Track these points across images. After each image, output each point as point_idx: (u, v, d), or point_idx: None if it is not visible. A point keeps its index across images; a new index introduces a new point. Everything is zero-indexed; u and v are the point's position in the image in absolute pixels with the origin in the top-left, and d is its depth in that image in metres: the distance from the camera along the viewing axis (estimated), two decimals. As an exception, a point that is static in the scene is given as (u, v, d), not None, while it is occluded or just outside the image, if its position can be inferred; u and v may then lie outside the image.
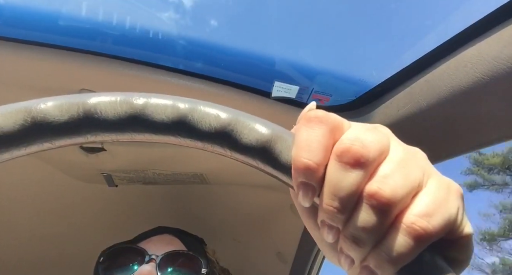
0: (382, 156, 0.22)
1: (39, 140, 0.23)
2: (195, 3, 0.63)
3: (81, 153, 0.78)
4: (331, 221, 0.21)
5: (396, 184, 0.20)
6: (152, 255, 0.65)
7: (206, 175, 0.88)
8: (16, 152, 0.23)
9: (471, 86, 0.45)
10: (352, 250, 0.21)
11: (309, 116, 0.23)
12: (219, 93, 0.66)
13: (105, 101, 0.23)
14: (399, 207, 0.21)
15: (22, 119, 0.22)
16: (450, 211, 0.21)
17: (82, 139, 0.23)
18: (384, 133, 0.23)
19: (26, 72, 0.63)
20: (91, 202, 0.96)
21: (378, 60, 0.66)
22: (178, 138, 0.23)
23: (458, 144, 0.53)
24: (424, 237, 0.20)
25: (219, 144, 0.23)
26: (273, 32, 0.65)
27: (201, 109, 0.23)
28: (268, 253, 1.05)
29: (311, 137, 0.22)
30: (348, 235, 0.21)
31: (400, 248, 0.20)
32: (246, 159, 0.23)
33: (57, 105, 0.23)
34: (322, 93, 0.67)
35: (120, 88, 0.65)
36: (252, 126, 0.23)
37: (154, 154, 0.81)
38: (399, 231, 0.20)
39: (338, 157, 0.21)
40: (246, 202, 0.98)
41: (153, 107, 0.23)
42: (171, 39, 0.64)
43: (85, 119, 0.23)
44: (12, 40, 0.60)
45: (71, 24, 0.61)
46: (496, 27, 0.43)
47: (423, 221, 0.20)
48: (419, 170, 0.22)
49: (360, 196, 0.21)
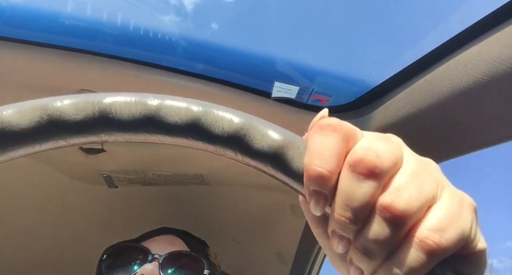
0: (396, 167, 0.21)
1: (54, 137, 0.23)
2: (195, 4, 0.63)
3: (81, 154, 0.78)
4: (343, 231, 0.21)
5: (411, 197, 0.20)
6: (155, 254, 0.65)
7: (206, 176, 0.88)
8: (31, 149, 0.23)
9: (471, 86, 0.45)
10: (363, 262, 0.21)
11: (322, 124, 0.22)
12: (219, 93, 0.66)
13: (120, 101, 0.23)
14: (412, 221, 0.20)
15: (38, 116, 0.22)
16: (464, 225, 0.20)
17: (96, 138, 0.24)
18: (397, 143, 0.23)
19: (26, 72, 0.63)
20: (91, 203, 0.96)
21: (378, 60, 0.66)
22: (190, 140, 0.24)
23: (458, 145, 0.53)
24: (437, 252, 0.20)
25: (231, 148, 0.23)
26: (273, 32, 0.65)
27: (214, 113, 0.23)
28: (268, 254, 1.05)
29: (324, 145, 0.21)
30: (359, 247, 0.21)
31: (412, 263, 0.20)
32: (258, 165, 0.23)
33: (73, 103, 0.23)
34: (322, 93, 0.67)
35: (120, 88, 0.65)
36: (265, 131, 0.23)
37: (154, 155, 0.81)
38: (412, 245, 0.20)
39: (352, 167, 0.21)
40: (246, 202, 0.98)
41: (167, 109, 0.23)
42: (171, 39, 0.64)
43: (100, 119, 0.23)
44: (12, 40, 0.60)
45: (71, 24, 0.61)
46: (496, 28, 0.43)
47: (436, 235, 0.20)
48: (433, 182, 0.21)
49: (373, 208, 0.20)
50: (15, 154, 0.23)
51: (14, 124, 0.22)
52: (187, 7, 0.62)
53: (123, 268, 0.65)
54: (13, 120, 0.22)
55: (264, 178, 0.28)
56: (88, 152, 0.78)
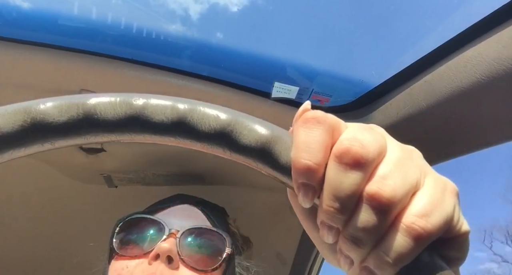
0: (381, 156, 0.22)
1: (38, 140, 0.23)
2: (195, 5, 0.63)
3: (80, 153, 0.78)
4: (331, 221, 0.21)
5: (396, 185, 0.21)
6: (172, 229, 0.58)
7: (206, 176, 0.88)
8: (15, 153, 0.23)
9: (471, 87, 0.45)
10: (352, 251, 0.21)
11: (306, 117, 0.23)
12: (219, 93, 0.66)
13: (105, 102, 0.23)
14: (398, 207, 0.21)
15: (21, 120, 0.22)
16: (447, 209, 0.21)
17: (82, 139, 0.23)
18: (380, 133, 0.23)
19: (26, 72, 0.63)
20: (91, 203, 0.96)
21: (378, 61, 0.66)
22: (177, 139, 0.23)
23: (458, 145, 0.53)
24: (423, 237, 0.20)
25: (219, 144, 0.23)
26: (273, 32, 0.65)
27: (200, 110, 0.23)
28: (268, 254, 1.05)
29: (310, 138, 0.22)
30: (348, 236, 0.21)
31: (400, 248, 0.20)
32: (246, 160, 0.23)
33: (56, 105, 0.23)
34: (322, 93, 0.67)
35: (120, 88, 0.65)
36: (252, 127, 0.23)
37: (154, 155, 0.81)
38: (399, 231, 0.20)
39: (338, 158, 0.21)
40: (246, 203, 0.98)
41: (152, 108, 0.23)
42: (171, 39, 0.64)
43: (84, 120, 0.23)
44: (12, 40, 0.60)
45: (71, 25, 0.61)
46: (496, 28, 0.43)
47: (422, 220, 0.20)
48: (416, 170, 0.22)
49: (360, 197, 0.21)
50: (0, 158, 0.23)
51: None
52: (188, 9, 0.62)
53: (138, 243, 0.58)
54: None
55: (264, 179, 0.28)
56: (88, 152, 0.78)
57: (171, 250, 0.54)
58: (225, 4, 0.62)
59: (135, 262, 0.56)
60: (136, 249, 0.57)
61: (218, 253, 0.60)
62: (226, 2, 0.62)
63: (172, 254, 0.54)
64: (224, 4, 0.62)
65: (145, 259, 0.55)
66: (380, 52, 0.65)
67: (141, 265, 0.55)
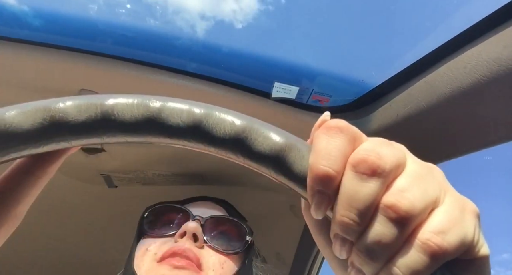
0: (399, 169, 0.21)
1: (56, 138, 0.23)
2: (194, 5, 0.63)
3: (80, 153, 0.78)
4: (345, 233, 0.21)
5: (415, 198, 0.20)
6: (197, 216, 0.63)
7: (206, 176, 0.88)
8: (33, 150, 0.23)
9: (471, 87, 0.45)
10: (365, 265, 0.21)
11: (329, 125, 0.22)
12: (219, 93, 0.66)
13: (123, 103, 0.23)
14: (415, 222, 0.20)
15: (41, 117, 0.22)
16: (466, 229, 0.20)
17: (98, 139, 0.24)
18: (400, 148, 0.23)
19: (26, 72, 0.63)
20: (91, 203, 0.96)
21: (378, 61, 0.66)
22: (192, 142, 0.24)
23: (458, 145, 0.53)
24: (439, 255, 0.19)
25: (233, 150, 0.23)
26: (273, 32, 0.65)
27: (216, 115, 0.23)
28: (268, 254, 1.05)
29: (331, 146, 0.21)
30: (361, 249, 0.20)
31: (413, 265, 0.20)
32: (259, 167, 0.23)
33: (76, 105, 0.23)
34: (322, 93, 0.67)
35: (120, 88, 0.65)
36: (267, 134, 0.23)
37: (154, 155, 0.81)
38: (414, 247, 0.20)
39: (354, 167, 0.21)
40: (246, 203, 0.98)
41: (169, 111, 0.23)
42: (171, 39, 0.64)
43: (102, 120, 0.23)
44: (12, 40, 0.60)
45: (71, 25, 0.61)
46: (496, 28, 0.43)
47: (438, 237, 0.20)
48: (436, 186, 0.21)
49: (377, 208, 0.20)
50: (17, 155, 0.23)
51: (17, 125, 0.22)
52: (185, 7, 0.62)
53: (165, 225, 0.63)
54: (16, 121, 0.22)
55: (264, 179, 0.28)
56: (88, 152, 0.78)
57: (196, 229, 0.59)
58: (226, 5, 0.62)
59: (162, 240, 0.61)
60: (164, 230, 0.62)
61: (238, 239, 0.65)
62: (226, 3, 0.62)
63: (197, 232, 0.59)
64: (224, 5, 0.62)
65: (171, 238, 0.61)
66: (380, 52, 0.65)
67: (168, 242, 0.60)
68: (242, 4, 0.62)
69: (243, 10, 0.62)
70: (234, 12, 0.62)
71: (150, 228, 0.64)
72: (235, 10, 0.62)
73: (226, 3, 0.62)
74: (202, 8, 0.62)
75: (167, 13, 0.62)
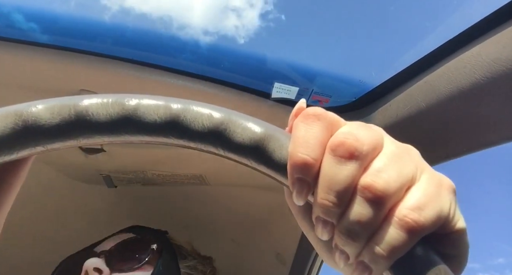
0: (376, 151, 0.22)
1: (31, 143, 0.22)
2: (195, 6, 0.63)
3: (80, 154, 0.78)
4: (326, 216, 0.22)
5: (390, 178, 0.21)
6: (100, 251, 0.64)
7: (205, 176, 0.88)
8: (8, 157, 0.22)
9: (471, 87, 0.45)
10: (347, 245, 0.21)
11: (307, 113, 0.23)
12: (218, 94, 0.66)
13: (97, 103, 0.23)
14: (392, 200, 0.21)
15: (13, 122, 0.22)
16: (442, 204, 0.21)
17: (75, 141, 0.23)
18: (377, 131, 0.24)
19: (26, 72, 0.63)
20: (90, 203, 0.96)
21: (378, 61, 0.66)
22: (171, 138, 0.23)
23: (458, 146, 0.53)
24: (416, 230, 0.20)
25: (212, 143, 0.23)
26: (273, 33, 0.65)
27: (193, 109, 0.23)
28: (267, 255, 1.05)
29: (309, 134, 0.22)
30: (343, 230, 0.21)
31: (393, 241, 0.20)
32: (240, 158, 0.23)
33: (48, 107, 0.22)
34: (322, 94, 0.67)
35: (120, 88, 0.65)
36: (245, 125, 0.23)
37: (154, 155, 0.81)
38: (392, 224, 0.21)
39: (333, 151, 0.21)
40: (246, 203, 0.98)
41: (145, 108, 0.23)
42: (168, 35, 0.64)
43: (77, 122, 0.22)
44: (12, 40, 0.60)
45: (71, 25, 0.61)
46: (495, 29, 0.43)
47: (414, 213, 0.20)
48: (412, 165, 0.22)
49: (355, 190, 0.21)
50: None
51: None
52: (185, 7, 0.62)
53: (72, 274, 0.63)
54: None
55: (264, 179, 0.28)
56: (88, 152, 0.78)
57: (96, 263, 0.60)
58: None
59: None
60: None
61: (143, 251, 0.65)
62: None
63: (98, 265, 0.60)
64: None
65: None
66: (380, 52, 0.65)
67: None
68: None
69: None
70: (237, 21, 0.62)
71: None
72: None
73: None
74: (202, 8, 0.62)
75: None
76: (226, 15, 0.61)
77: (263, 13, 0.61)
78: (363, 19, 0.63)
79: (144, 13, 0.60)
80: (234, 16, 0.61)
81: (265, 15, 0.61)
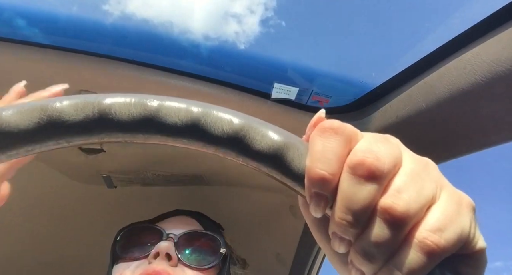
0: (396, 168, 0.21)
1: (54, 138, 0.23)
2: (194, 5, 0.63)
3: (80, 154, 0.78)
4: (343, 234, 0.21)
5: (410, 199, 0.20)
6: (170, 234, 0.64)
7: (205, 177, 0.88)
8: (30, 150, 0.23)
9: (471, 88, 0.45)
10: (364, 265, 0.21)
11: (324, 127, 0.22)
12: (218, 94, 0.66)
13: (120, 102, 0.23)
14: (412, 222, 0.20)
15: (37, 117, 0.22)
16: (463, 225, 0.21)
17: (96, 138, 0.24)
18: (395, 144, 0.23)
19: (26, 72, 0.63)
20: (90, 204, 0.96)
21: (378, 61, 0.66)
22: (190, 141, 0.24)
23: (458, 146, 0.53)
24: (436, 252, 0.20)
25: (231, 149, 0.23)
26: (273, 33, 0.65)
27: (214, 113, 0.23)
28: (267, 255, 1.05)
29: (327, 148, 0.21)
30: (359, 250, 0.21)
31: (412, 264, 0.20)
32: (257, 166, 0.23)
33: (72, 104, 0.23)
34: (322, 94, 0.67)
35: (120, 89, 0.65)
36: (265, 132, 0.23)
37: (154, 156, 0.81)
38: (411, 246, 0.20)
39: (352, 169, 0.20)
40: (245, 203, 0.98)
41: (166, 110, 0.23)
42: (170, 40, 0.64)
43: (99, 119, 0.23)
44: (12, 40, 0.60)
45: (71, 25, 0.61)
46: (495, 29, 0.43)
47: (435, 235, 0.20)
48: (432, 183, 0.21)
49: (374, 210, 0.20)
50: (15, 154, 0.23)
51: (13, 124, 0.22)
52: (184, 7, 0.62)
53: (137, 247, 0.63)
54: (12, 121, 0.22)
55: (264, 179, 0.28)
56: (88, 153, 0.78)
57: (169, 248, 0.60)
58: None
59: (136, 262, 0.60)
60: (137, 252, 0.62)
61: (213, 253, 0.65)
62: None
63: (170, 251, 0.59)
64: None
65: (145, 259, 0.60)
66: (380, 53, 0.65)
67: (141, 265, 0.59)
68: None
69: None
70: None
71: (123, 252, 0.64)
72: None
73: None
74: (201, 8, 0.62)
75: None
76: (227, 21, 0.62)
77: (263, 19, 0.62)
78: (363, 19, 0.63)
79: (145, 19, 0.60)
80: (235, 22, 0.62)
81: (265, 21, 0.62)
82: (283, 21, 0.62)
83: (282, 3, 0.63)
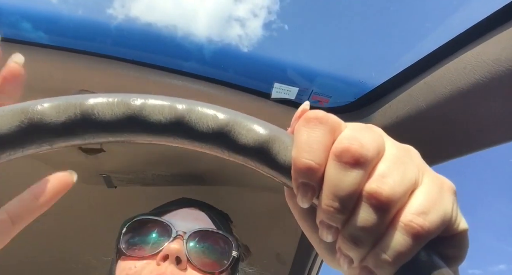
0: (379, 155, 0.22)
1: (36, 141, 0.22)
2: (198, 9, 0.63)
3: (80, 154, 0.78)
4: (331, 221, 0.21)
5: (395, 183, 0.21)
6: (180, 231, 0.58)
7: (205, 177, 0.88)
8: (13, 154, 0.22)
9: (470, 88, 0.45)
10: (351, 250, 0.21)
11: (308, 117, 0.23)
12: (218, 94, 0.66)
13: (103, 102, 0.23)
14: (397, 206, 0.21)
15: (18, 120, 0.22)
16: (445, 207, 0.21)
17: (79, 140, 0.23)
18: (378, 133, 0.23)
19: (26, 72, 0.63)
20: (90, 204, 0.96)
21: (378, 62, 0.66)
22: (175, 139, 0.23)
23: (458, 146, 0.53)
24: (422, 235, 0.20)
25: (217, 144, 0.23)
26: (273, 33, 0.65)
27: (198, 110, 0.23)
28: (267, 255, 1.05)
29: (312, 138, 0.22)
30: (347, 235, 0.21)
31: (398, 247, 0.20)
32: (244, 160, 0.23)
33: (54, 106, 0.22)
34: (322, 94, 0.67)
35: (120, 88, 0.65)
36: (250, 127, 0.23)
37: (154, 155, 0.81)
38: (397, 229, 0.20)
39: (338, 157, 0.21)
40: (245, 203, 0.98)
41: (150, 108, 0.23)
42: (170, 40, 0.64)
43: (82, 120, 0.22)
44: (13, 40, 0.60)
45: (71, 25, 0.61)
46: (495, 30, 0.44)
47: (420, 218, 0.20)
48: (415, 168, 0.22)
49: (360, 196, 0.21)
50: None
51: None
52: (184, 7, 0.62)
53: (145, 244, 0.58)
54: None
55: (263, 179, 0.28)
56: (88, 152, 0.78)
57: (180, 251, 0.55)
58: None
59: (143, 262, 0.56)
60: (144, 250, 0.57)
61: (225, 256, 0.60)
62: (226, 3, 0.62)
63: (180, 255, 0.55)
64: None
65: (152, 260, 0.56)
66: (380, 53, 0.65)
67: (149, 265, 0.55)
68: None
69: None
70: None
71: (128, 248, 0.59)
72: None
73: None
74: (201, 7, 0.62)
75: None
76: (230, 25, 0.63)
77: (266, 23, 0.62)
78: (363, 20, 0.63)
79: (149, 22, 0.60)
80: (238, 25, 0.63)
81: (268, 24, 0.63)
82: (286, 25, 0.63)
83: (284, 6, 0.64)
